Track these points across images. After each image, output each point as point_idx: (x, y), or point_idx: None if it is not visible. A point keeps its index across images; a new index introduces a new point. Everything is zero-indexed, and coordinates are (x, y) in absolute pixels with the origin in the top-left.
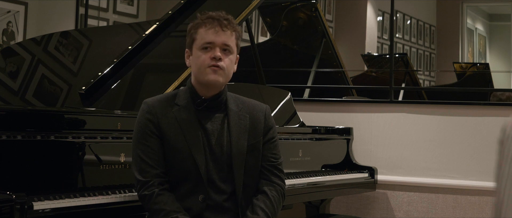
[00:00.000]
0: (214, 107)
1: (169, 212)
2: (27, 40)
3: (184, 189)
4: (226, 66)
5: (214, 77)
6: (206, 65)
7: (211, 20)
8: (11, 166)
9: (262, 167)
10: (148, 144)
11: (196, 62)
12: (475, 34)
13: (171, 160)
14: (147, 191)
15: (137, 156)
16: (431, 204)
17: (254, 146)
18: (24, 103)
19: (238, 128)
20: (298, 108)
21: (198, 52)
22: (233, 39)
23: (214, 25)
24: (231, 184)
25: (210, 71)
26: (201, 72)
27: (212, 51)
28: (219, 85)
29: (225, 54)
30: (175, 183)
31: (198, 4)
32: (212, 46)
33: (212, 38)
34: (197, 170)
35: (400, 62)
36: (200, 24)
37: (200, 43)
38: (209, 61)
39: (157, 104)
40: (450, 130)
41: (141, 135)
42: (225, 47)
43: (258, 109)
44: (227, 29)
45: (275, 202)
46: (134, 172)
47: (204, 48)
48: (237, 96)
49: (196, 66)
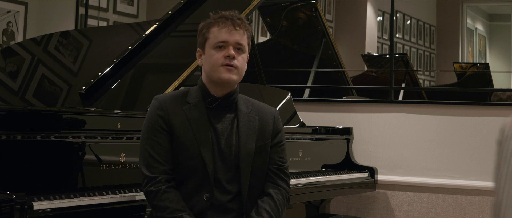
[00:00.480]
0: (225, 107)
1: (175, 211)
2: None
3: (190, 187)
4: (239, 65)
5: (228, 75)
6: (219, 63)
7: (224, 19)
8: (11, 166)
9: (269, 170)
10: (157, 140)
11: (209, 61)
12: (475, 34)
13: (179, 157)
14: (153, 187)
15: (145, 152)
16: (431, 204)
17: (262, 148)
18: (24, 103)
19: (247, 129)
20: (298, 108)
21: (212, 51)
22: (245, 38)
23: (228, 24)
24: (237, 185)
25: (224, 70)
26: (214, 71)
27: (226, 50)
28: (233, 83)
29: (238, 53)
30: (182, 180)
31: (198, 4)
32: (225, 45)
33: (225, 37)
34: (204, 168)
35: (400, 62)
36: (213, 23)
37: (213, 42)
38: (223, 60)
39: (168, 100)
40: (450, 130)
41: (151, 131)
42: (238, 46)
43: (268, 112)
44: (240, 28)
45: (280, 205)
46: (142, 168)
47: (218, 47)
48: (247, 98)
49: (210, 65)
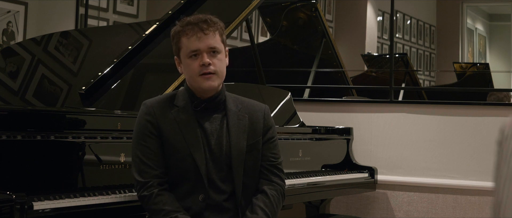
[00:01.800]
0: (213, 108)
1: (169, 212)
2: (27, 40)
3: (184, 189)
4: (217, 68)
5: (208, 83)
6: (197, 73)
7: (190, 27)
8: (11, 166)
9: (262, 167)
10: (147, 145)
11: (187, 71)
12: (475, 34)
13: (171, 160)
14: (146, 192)
15: (136, 157)
16: (431, 204)
17: (253, 146)
18: (24, 103)
19: (237, 128)
20: (298, 108)
21: (187, 61)
22: (218, 38)
23: (195, 31)
24: (231, 184)
25: (202, 79)
26: (194, 81)
27: (200, 58)
28: (215, 89)
29: (213, 55)
30: (175, 183)
31: (198, 4)
32: (198, 52)
33: (196, 45)
34: (197, 170)
35: (400, 62)
36: (181, 33)
37: (186, 52)
38: (199, 69)
39: (156, 105)
40: (450, 130)
41: (140, 136)
42: (212, 50)
43: (257, 109)
44: (209, 31)
45: (275, 201)
46: (134, 173)
47: (192, 56)
48: (236, 97)
49: (188, 75)
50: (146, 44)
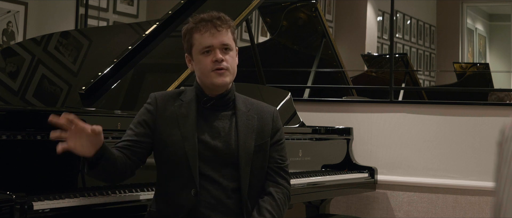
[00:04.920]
0: (221, 105)
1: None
2: (27, 40)
3: (176, 184)
4: (229, 64)
5: (220, 79)
6: (209, 69)
7: (204, 23)
8: (11, 166)
9: (269, 169)
10: (136, 130)
11: (199, 67)
12: (475, 34)
13: (165, 153)
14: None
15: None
16: (431, 204)
17: (261, 147)
18: (24, 103)
19: (246, 128)
20: (298, 108)
21: (199, 57)
22: (230, 36)
23: (208, 27)
24: (235, 182)
25: (215, 75)
26: (206, 77)
27: (213, 54)
28: (226, 85)
29: (226, 52)
30: (169, 177)
31: (198, 4)
32: (211, 49)
33: (209, 41)
34: (188, 164)
35: (400, 62)
36: (194, 29)
37: (198, 48)
38: (212, 65)
39: (162, 97)
40: (450, 130)
41: (136, 120)
42: (224, 47)
43: (267, 111)
44: (222, 28)
45: (281, 204)
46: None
47: (204, 52)
48: (246, 98)
49: (200, 71)
50: (146, 44)
